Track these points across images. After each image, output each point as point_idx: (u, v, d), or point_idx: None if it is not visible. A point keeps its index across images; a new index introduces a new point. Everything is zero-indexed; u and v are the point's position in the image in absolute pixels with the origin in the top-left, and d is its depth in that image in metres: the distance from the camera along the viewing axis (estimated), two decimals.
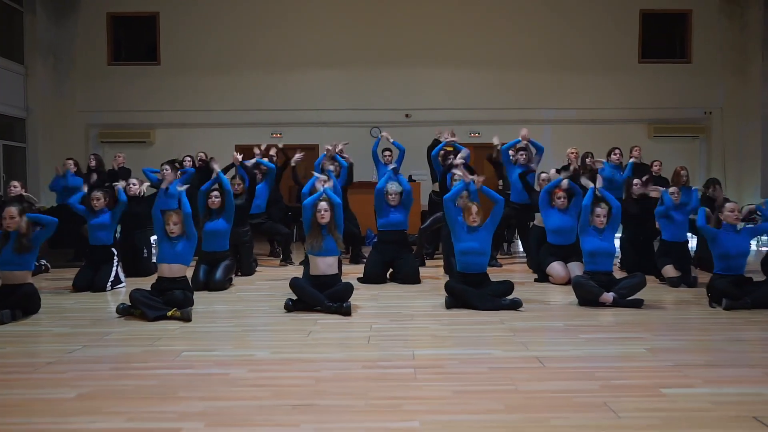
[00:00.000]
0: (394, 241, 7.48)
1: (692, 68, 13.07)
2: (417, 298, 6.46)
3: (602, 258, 6.05)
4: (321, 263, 5.89)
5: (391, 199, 7.47)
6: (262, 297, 6.56)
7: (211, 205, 7.20)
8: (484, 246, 6.06)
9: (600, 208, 6.16)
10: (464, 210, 6.10)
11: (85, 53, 13.04)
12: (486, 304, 5.79)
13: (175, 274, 5.79)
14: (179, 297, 5.60)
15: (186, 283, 5.87)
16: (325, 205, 5.94)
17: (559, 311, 5.83)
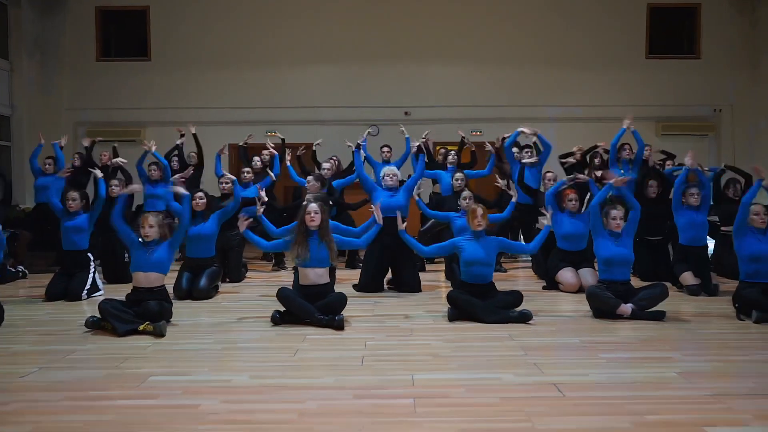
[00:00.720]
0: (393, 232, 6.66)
1: (701, 64, 12.47)
2: (417, 309, 5.87)
3: (619, 266, 5.47)
4: (311, 273, 5.31)
5: (389, 179, 6.84)
6: (249, 307, 5.97)
7: (195, 207, 6.61)
8: (491, 256, 5.48)
9: (616, 210, 5.57)
10: (468, 213, 5.52)
11: (73, 49, 12.44)
12: (493, 317, 5.20)
13: (152, 283, 5.21)
14: (153, 309, 5.01)
15: (164, 293, 5.29)
16: (316, 206, 5.36)
17: (573, 325, 5.24)
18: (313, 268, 5.28)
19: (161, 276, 5.26)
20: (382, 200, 6.73)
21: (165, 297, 5.27)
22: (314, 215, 5.30)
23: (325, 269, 5.36)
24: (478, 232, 5.44)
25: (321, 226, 5.31)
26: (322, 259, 5.28)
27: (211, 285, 6.48)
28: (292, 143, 11.47)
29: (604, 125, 12.15)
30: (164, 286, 5.32)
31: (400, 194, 6.85)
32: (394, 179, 6.88)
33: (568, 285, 6.60)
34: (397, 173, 6.91)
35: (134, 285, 5.26)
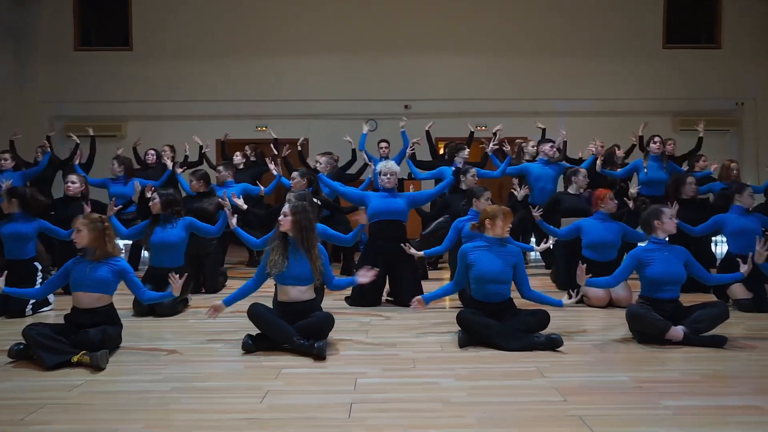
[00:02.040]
0: (389, 236, 5.64)
1: (722, 54, 11.36)
2: (420, 330, 4.77)
3: (671, 285, 4.38)
4: (291, 291, 4.24)
5: (387, 180, 5.73)
6: (221, 326, 4.87)
7: (153, 208, 5.52)
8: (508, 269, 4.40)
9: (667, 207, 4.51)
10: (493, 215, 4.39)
11: (49, 37, 11.32)
12: (514, 343, 4.12)
13: (94, 304, 4.12)
14: (93, 338, 3.93)
15: (110, 314, 4.19)
16: (287, 207, 4.28)
17: (613, 353, 4.14)
18: (294, 285, 4.21)
19: (106, 296, 4.17)
20: (377, 202, 5.66)
21: (111, 319, 4.18)
22: (282, 217, 4.24)
23: (308, 286, 4.27)
24: (498, 239, 4.36)
25: (299, 232, 4.22)
26: (300, 276, 4.20)
27: (178, 299, 5.38)
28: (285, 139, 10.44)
29: (618, 120, 11.13)
30: (111, 305, 4.23)
31: (400, 197, 5.77)
32: (392, 180, 5.76)
33: (596, 299, 5.51)
34: (395, 171, 5.80)
35: (73, 304, 4.17)
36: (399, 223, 5.70)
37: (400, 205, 5.69)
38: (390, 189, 5.76)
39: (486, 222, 4.36)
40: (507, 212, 4.38)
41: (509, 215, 4.39)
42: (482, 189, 5.54)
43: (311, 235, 4.25)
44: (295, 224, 4.23)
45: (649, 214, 4.50)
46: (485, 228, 4.37)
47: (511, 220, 4.41)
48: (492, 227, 4.35)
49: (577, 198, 6.39)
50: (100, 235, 4.13)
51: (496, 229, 4.34)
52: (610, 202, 5.67)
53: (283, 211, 4.27)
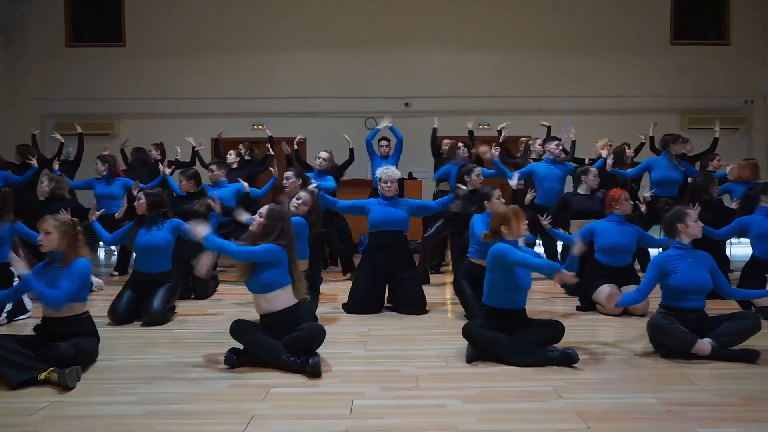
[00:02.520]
0: (389, 248, 5.26)
1: (731, 51, 10.94)
2: (423, 341, 4.37)
3: (697, 294, 3.98)
4: (260, 301, 3.84)
5: (386, 188, 5.33)
6: (208, 337, 4.48)
7: (139, 209, 5.12)
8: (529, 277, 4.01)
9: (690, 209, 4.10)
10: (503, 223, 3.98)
11: (40, 32, 10.89)
12: (525, 359, 3.72)
13: (67, 312, 3.72)
14: (64, 352, 3.54)
15: (85, 324, 3.80)
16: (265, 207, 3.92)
17: (635, 369, 3.73)
18: (260, 294, 3.81)
19: (79, 303, 3.77)
20: (378, 212, 5.27)
21: (87, 330, 3.79)
22: (257, 217, 3.88)
23: (277, 292, 3.81)
24: (516, 242, 3.97)
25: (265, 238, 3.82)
26: (264, 282, 3.77)
27: (168, 306, 4.99)
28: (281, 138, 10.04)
29: (624, 118, 10.74)
30: (87, 314, 3.83)
31: (400, 205, 5.34)
32: (392, 188, 5.33)
33: (609, 307, 5.09)
34: (396, 178, 5.36)
35: (44, 314, 3.77)
36: (399, 234, 5.31)
37: (401, 214, 5.29)
38: (390, 197, 5.35)
39: (502, 229, 3.96)
40: (516, 210, 3.99)
41: (520, 212, 3.99)
42: (491, 188, 5.12)
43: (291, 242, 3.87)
44: (264, 228, 3.84)
45: (672, 217, 4.09)
46: (502, 234, 3.96)
47: (524, 216, 4.00)
48: (509, 230, 3.94)
49: (588, 199, 5.98)
50: (70, 240, 3.73)
51: (514, 230, 3.93)
52: (625, 203, 5.27)
53: (260, 211, 3.89)
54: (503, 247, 3.87)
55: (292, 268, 3.85)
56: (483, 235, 4.10)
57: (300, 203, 4.87)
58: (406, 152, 8.55)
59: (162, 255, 5.11)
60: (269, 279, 3.75)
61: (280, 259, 3.78)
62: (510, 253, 3.82)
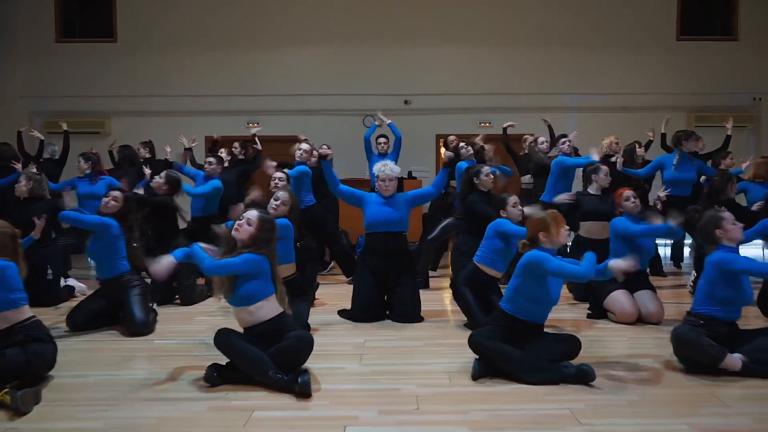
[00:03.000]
0: (386, 250, 4.82)
1: (739, 47, 10.52)
2: (424, 354, 3.97)
3: (739, 305, 3.58)
4: (243, 315, 3.45)
5: (384, 187, 4.89)
6: (190, 349, 4.08)
7: (104, 208, 4.68)
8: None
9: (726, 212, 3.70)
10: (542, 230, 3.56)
11: (29, 28, 10.46)
12: (538, 376, 3.33)
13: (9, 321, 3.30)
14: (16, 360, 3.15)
15: (33, 329, 3.34)
16: (254, 213, 3.49)
17: (661, 389, 3.33)
18: (243, 307, 3.42)
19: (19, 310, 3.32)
20: (374, 211, 4.85)
21: (36, 335, 3.33)
22: (244, 224, 3.46)
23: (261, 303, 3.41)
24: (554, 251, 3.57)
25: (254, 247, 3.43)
26: (245, 296, 3.38)
27: (148, 311, 4.58)
28: (277, 136, 9.67)
29: (630, 115, 10.35)
30: (32, 318, 3.38)
31: (399, 203, 4.89)
32: (390, 186, 4.88)
33: (623, 314, 4.70)
34: (393, 175, 4.90)
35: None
36: (399, 235, 4.87)
37: (399, 214, 4.85)
38: (388, 196, 4.90)
39: (540, 236, 3.55)
40: (555, 216, 3.58)
41: (559, 217, 3.58)
42: (507, 195, 4.70)
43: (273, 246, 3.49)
44: (253, 239, 3.44)
45: (707, 225, 3.66)
46: (540, 242, 3.55)
47: (564, 222, 3.60)
48: (548, 238, 3.54)
49: (599, 199, 5.57)
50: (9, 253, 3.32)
51: (554, 237, 3.53)
52: (626, 203, 4.85)
53: (248, 217, 3.48)
54: (540, 255, 3.47)
55: (275, 276, 3.47)
56: (521, 245, 3.67)
57: (279, 203, 4.49)
58: (405, 151, 8.16)
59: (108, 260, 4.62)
60: (251, 291, 3.37)
61: (262, 269, 3.39)
62: (547, 262, 3.43)
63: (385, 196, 4.88)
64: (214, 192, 6.28)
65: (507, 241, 4.56)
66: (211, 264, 3.33)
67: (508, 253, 4.58)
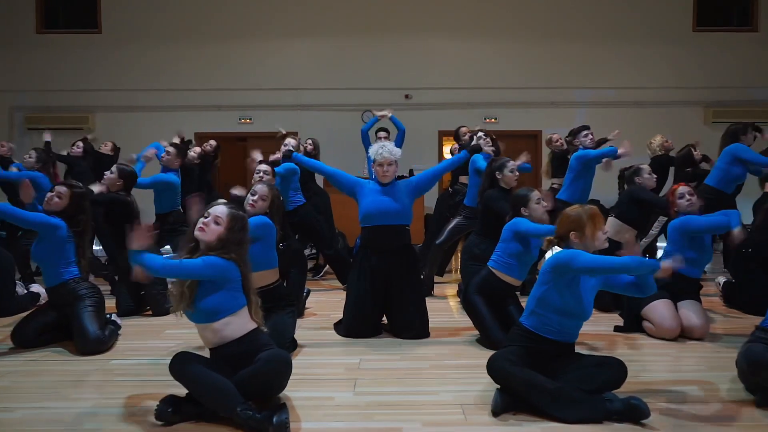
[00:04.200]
0: (386, 247, 4.05)
1: (759, 38, 9.81)
2: (431, 379, 3.24)
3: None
4: (206, 333, 2.75)
5: (382, 172, 4.10)
6: (151, 372, 3.36)
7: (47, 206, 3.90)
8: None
9: None
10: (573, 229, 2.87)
11: (8, 18, 9.74)
12: (577, 413, 2.61)
13: None
14: None
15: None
16: (222, 210, 2.78)
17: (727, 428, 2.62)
18: (206, 323, 2.72)
19: None
20: (371, 200, 4.08)
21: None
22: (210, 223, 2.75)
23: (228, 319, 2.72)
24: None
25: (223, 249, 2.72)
26: (208, 310, 2.69)
27: (104, 328, 3.84)
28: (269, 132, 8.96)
29: (644, 111, 9.67)
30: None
31: (400, 191, 4.10)
32: (390, 171, 4.07)
33: (663, 329, 3.97)
34: (393, 157, 4.06)
35: None
36: (400, 228, 4.07)
37: (401, 203, 4.05)
38: (387, 183, 4.13)
39: (571, 236, 2.85)
40: (593, 213, 2.86)
41: (598, 215, 2.87)
42: (529, 190, 3.95)
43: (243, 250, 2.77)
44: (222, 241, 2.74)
45: None
46: (572, 243, 2.85)
47: (603, 221, 2.88)
48: (581, 239, 2.82)
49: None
50: None
51: (588, 240, 2.81)
52: (680, 201, 4.13)
53: (215, 214, 2.76)
54: (569, 253, 2.77)
55: (247, 285, 2.75)
56: (546, 241, 2.98)
57: (256, 198, 3.76)
58: (406, 147, 7.38)
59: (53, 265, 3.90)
60: (215, 304, 2.66)
61: (230, 277, 2.68)
62: (579, 257, 2.73)
63: (383, 183, 4.09)
64: (165, 186, 5.50)
65: (526, 243, 3.84)
66: (162, 264, 2.62)
67: (528, 257, 3.87)
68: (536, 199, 3.87)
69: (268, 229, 3.60)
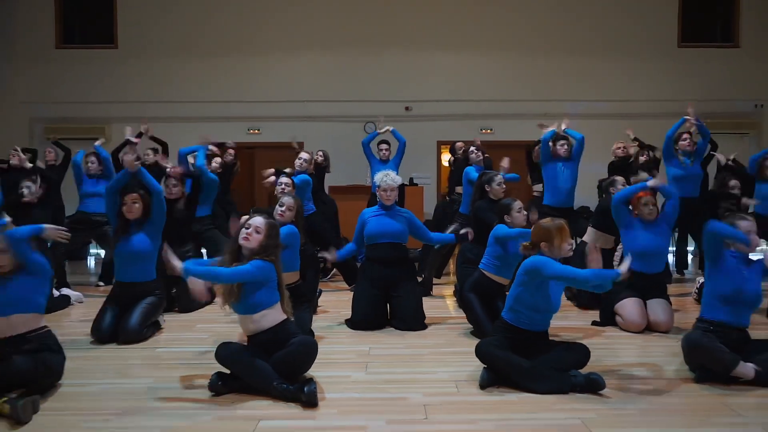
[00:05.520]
0: (387, 260, 4.83)
1: (740, 53, 10.54)
2: (430, 362, 3.94)
3: (748, 306, 3.57)
4: (247, 323, 3.43)
5: (386, 197, 4.88)
6: (194, 357, 4.04)
7: (127, 213, 4.67)
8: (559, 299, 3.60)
9: (746, 220, 3.65)
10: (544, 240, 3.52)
11: (29, 34, 10.46)
12: (547, 385, 3.30)
13: (20, 329, 3.28)
14: (22, 368, 3.11)
15: (46, 339, 3.34)
16: (261, 221, 3.47)
17: (673, 398, 3.29)
18: (248, 315, 3.40)
19: (34, 316, 3.33)
20: (375, 224, 4.86)
21: (47, 345, 3.33)
22: (253, 232, 3.42)
23: (265, 311, 3.40)
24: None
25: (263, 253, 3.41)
26: (253, 303, 3.36)
27: (146, 323, 4.53)
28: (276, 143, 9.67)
29: (632, 122, 10.29)
30: (45, 329, 3.38)
31: (400, 215, 4.92)
32: (392, 196, 4.90)
33: (631, 323, 4.67)
34: (395, 185, 4.90)
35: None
36: (398, 245, 4.88)
37: (399, 227, 4.88)
38: (389, 206, 4.92)
39: (542, 245, 3.51)
40: (560, 227, 3.52)
41: (565, 230, 3.53)
42: (512, 200, 4.69)
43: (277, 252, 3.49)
44: (263, 247, 3.43)
45: None
46: (542, 251, 3.51)
47: (569, 235, 3.56)
48: (550, 249, 3.49)
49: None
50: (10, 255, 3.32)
51: (555, 250, 3.48)
52: (642, 208, 4.82)
53: (255, 225, 3.45)
54: (540, 261, 3.43)
55: (280, 283, 3.45)
56: (522, 246, 3.64)
57: (284, 209, 4.46)
58: (406, 157, 8.11)
59: (147, 261, 4.64)
60: (258, 299, 3.35)
61: (270, 276, 3.37)
62: (548, 266, 3.38)
63: (386, 206, 4.88)
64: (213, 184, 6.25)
65: (504, 245, 4.53)
66: (227, 273, 3.30)
67: (510, 258, 4.53)
68: (518, 208, 4.57)
69: (295, 238, 4.31)
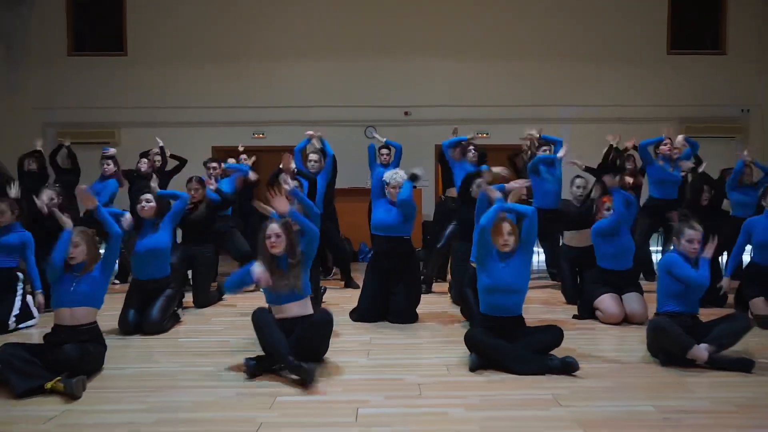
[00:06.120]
0: (391, 252, 5.29)
1: (728, 60, 11.05)
2: (426, 350, 4.48)
3: (695, 295, 4.12)
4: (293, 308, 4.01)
5: (394, 193, 5.32)
6: (213, 345, 4.56)
7: (141, 213, 5.19)
8: (520, 279, 4.08)
9: (693, 230, 4.18)
10: (493, 229, 4.12)
11: (41, 41, 10.97)
12: (526, 367, 3.82)
13: (79, 321, 3.83)
14: (70, 356, 3.63)
15: (93, 332, 3.90)
16: (277, 227, 3.99)
17: (633, 377, 3.81)
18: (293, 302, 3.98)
19: (92, 311, 3.89)
20: (381, 215, 5.36)
21: (95, 337, 3.89)
22: (275, 239, 3.98)
23: (305, 299, 4.01)
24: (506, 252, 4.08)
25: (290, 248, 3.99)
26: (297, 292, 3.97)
27: (166, 315, 5.05)
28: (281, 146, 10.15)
29: (623, 126, 10.78)
30: (95, 323, 3.93)
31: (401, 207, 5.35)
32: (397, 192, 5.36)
33: (609, 315, 5.19)
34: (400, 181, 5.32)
35: (55, 322, 3.87)
36: (402, 238, 5.34)
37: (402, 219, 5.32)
38: (395, 201, 5.38)
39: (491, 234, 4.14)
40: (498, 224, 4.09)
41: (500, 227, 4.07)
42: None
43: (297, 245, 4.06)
44: (291, 243, 4.00)
45: None
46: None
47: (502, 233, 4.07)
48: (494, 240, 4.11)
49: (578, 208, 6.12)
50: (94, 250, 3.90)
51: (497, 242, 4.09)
52: (605, 212, 5.37)
53: (274, 232, 3.98)
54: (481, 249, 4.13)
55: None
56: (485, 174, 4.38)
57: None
58: (405, 160, 8.61)
59: (161, 258, 5.15)
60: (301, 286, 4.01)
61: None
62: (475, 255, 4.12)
63: (392, 201, 5.35)
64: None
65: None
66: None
67: None
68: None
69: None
